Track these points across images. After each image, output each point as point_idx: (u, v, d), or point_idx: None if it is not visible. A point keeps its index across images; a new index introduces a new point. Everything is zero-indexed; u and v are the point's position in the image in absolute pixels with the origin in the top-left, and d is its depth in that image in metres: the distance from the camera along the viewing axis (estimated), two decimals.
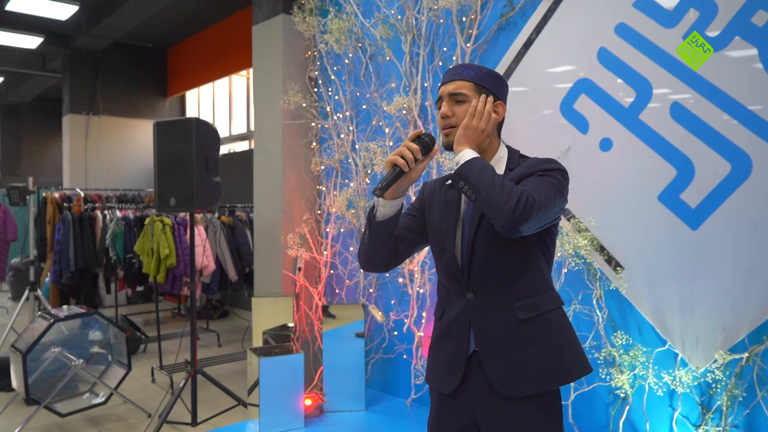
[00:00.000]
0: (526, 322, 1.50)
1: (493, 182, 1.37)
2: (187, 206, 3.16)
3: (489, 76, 1.57)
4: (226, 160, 7.14)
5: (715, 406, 2.33)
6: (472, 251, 1.53)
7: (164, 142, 3.22)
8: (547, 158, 1.54)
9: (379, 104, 3.60)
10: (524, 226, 1.36)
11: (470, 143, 1.49)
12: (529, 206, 1.34)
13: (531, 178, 1.47)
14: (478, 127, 1.49)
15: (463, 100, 1.54)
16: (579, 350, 1.55)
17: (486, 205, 1.38)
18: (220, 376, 4.36)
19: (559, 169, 1.51)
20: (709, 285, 2.31)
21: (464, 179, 1.41)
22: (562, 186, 1.48)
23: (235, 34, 7.35)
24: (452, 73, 1.59)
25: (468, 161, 1.43)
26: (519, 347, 1.50)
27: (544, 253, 1.56)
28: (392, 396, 3.70)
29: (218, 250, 5.28)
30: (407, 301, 3.55)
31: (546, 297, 1.55)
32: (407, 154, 1.48)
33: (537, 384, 1.48)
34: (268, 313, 3.77)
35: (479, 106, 1.50)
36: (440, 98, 1.59)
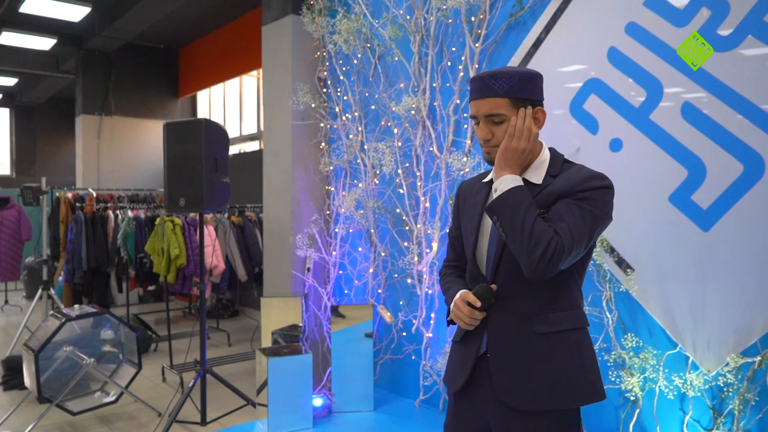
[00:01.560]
0: (543, 336, 1.47)
1: (523, 227, 1.36)
2: (197, 207, 3.18)
3: (524, 82, 1.46)
4: (237, 161, 7.17)
5: (727, 410, 2.30)
6: (500, 259, 1.50)
7: (174, 143, 3.23)
8: (590, 173, 1.45)
9: (388, 105, 3.60)
10: (550, 275, 1.37)
11: (511, 166, 1.45)
12: (556, 257, 1.33)
13: (568, 206, 1.41)
14: (518, 148, 1.44)
15: (501, 120, 1.46)
16: (595, 375, 1.50)
17: (514, 249, 1.40)
18: (229, 375, 4.38)
19: (603, 187, 1.43)
20: (721, 287, 2.28)
21: (497, 215, 1.41)
22: (603, 211, 1.42)
23: (245, 35, 7.38)
24: (483, 87, 1.47)
25: (503, 195, 1.41)
26: (531, 361, 1.46)
27: (577, 269, 1.51)
28: (401, 397, 3.70)
29: (228, 250, 5.30)
30: (416, 301, 3.54)
31: (570, 314, 1.50)
32: (475, 322, 1.50)
33: (541, 401, 1.45)
34: (278, 313, 3.78)
35: (518, 125, 1.44)
36: (474, 117, 1.50)
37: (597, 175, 1.45)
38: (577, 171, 1.47)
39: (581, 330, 1.51)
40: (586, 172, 1.46)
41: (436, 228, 3.36)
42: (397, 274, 3.67)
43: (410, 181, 3.55)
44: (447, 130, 3.31)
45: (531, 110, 1.46)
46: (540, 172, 1.50)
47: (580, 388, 1.46)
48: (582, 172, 1.46)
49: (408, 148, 3.55)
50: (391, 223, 3.69)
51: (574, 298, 1.51)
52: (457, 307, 1.51)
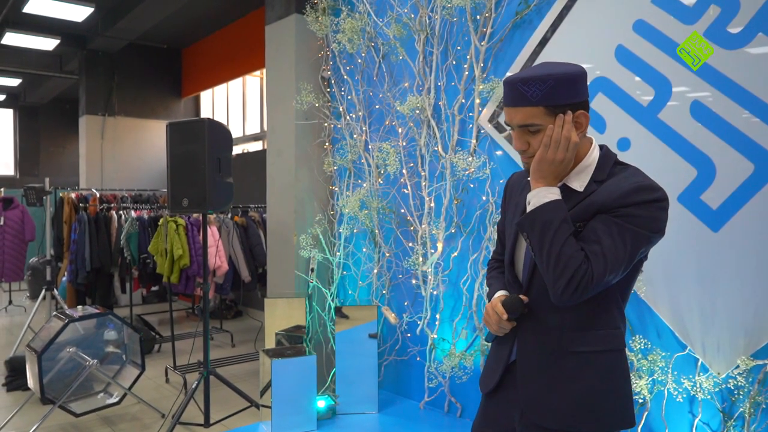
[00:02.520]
0: (573, 354, 1.38)
1: (550, 250, 1.27)
2: (200, 207, 3.15)
3: (560, 86, 1.30)
4: (240, 161, 7.15)
5: (737, 413, 2.27)
6: (534, 270, 1.43)
7: (177, 143, 3.21)
8: (638, 184, 1.28)
9: (392, 104, 3.57)
10: (575, 302, 1.29)
11: (547, 178, 1.33)
12: (582, 287, 1.24)
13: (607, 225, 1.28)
14: (555, 159, 1.31)
15: (537, 130, 1.34)
16: (625, 401, 1.40)
17: (541, 271, 1.33)
18: (233, 376, 4.36)
19: (654, 201, 1.27)
20: (731, 288, 2.24)
21: (527, 232, 1.34)
22: (651, 228, 1.27)
23: (248, 35, 7.36)
24: (514, 94, 1.34)
25: (533, 212, 1.32)
26: (557, 378, 1.39)
27: (621, 288, 1.39)
28: (405, 398, 3.67)
29: (231, 251, 5.28)
30: (421, 302, 3.51)
31: (605, 335, 1.40)
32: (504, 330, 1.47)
33: (563, 421, 1.38)
34: (281, 314, 3.76)
35: (555, 134, 1.30)
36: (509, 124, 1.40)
37: (646, 186, 1.28)
38: (625, 179, 1.31)
39: (616, 352, 1.41)
40: (634, 181, 1.29)
41: (441, 228, 3.33)
42: (402, 274, 3.64)
43: (415, 181, 3.52)
44: (452, 130, 3.28)
45: (571, 116, 1.31)
46: (584, 178, 1.36)
47: (606, 413, 1.38)
48: (629, 180, 1.30)
49: (413, 147, 3.52)
50: (395, 223, 3.66)
51: (612, 318, 1.40)
52: (488, 312, 1.47)
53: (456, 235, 3.31)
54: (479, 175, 3.13)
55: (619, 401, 1.40)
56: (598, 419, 1.38)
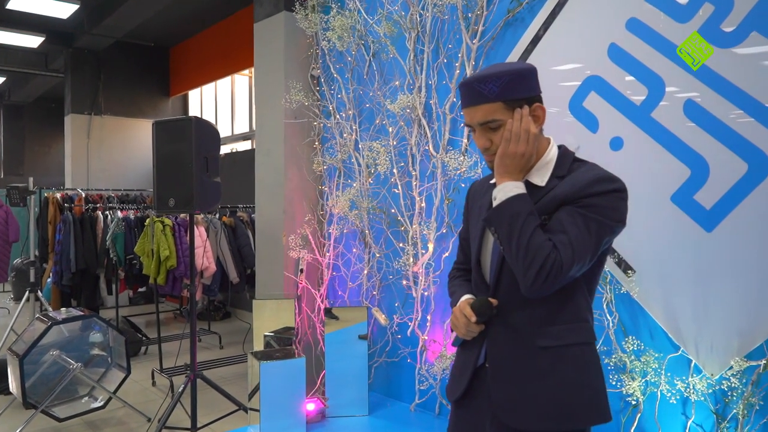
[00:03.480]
0: (545, 350, 1.38)
1: (519, 241, 1.28)
2: (187, 207, 3.10)
3: (516, 81, 1.34)
4: (229, 160, 7.09)
5: (731, 415, 2.25)
6: (502, 265, 1.42)
7: (163, 142, 3.15)
8: (598, 175, 1.33)
9: (383, 103, 3.53)
10: (547, 293, 1.29)
11: (511, 173, 1.36)
12: (552, 275, 1.25)
13: (571, 215, 1.30)
14: (517, 153, 1.34)
15: (498, 126, 1.37)
16: (599, 395, 1.41)
17: (510, 264, 1.32)
18: (221, 378, 4.30)
19: (613, 191, 1.31)
20: (725, 289, 2.22)
21: (494, 227, 1.34)
22: (613, 218, 1.31)
23: (237, 33, 7.29)
24: (472, 94, 1.37)
25: (500, 205, 1.33)
26: (531, 377, 1.38)
27: (587, 281, 1.41)
28: (396, 401, 3.63)
29: (219, 252, 5.22)
30: (411, 303, 3.47)
31: (575, 328, 1.40)
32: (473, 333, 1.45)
33: (539, 421, 1.37)
34: (270, 316, 3.71)
35: (514, 128, 1.34)
36: (468, 125, 1.43)
37: (606, 177, 1.33)
38: (585, 172, 1.35)
39: (587, 345, 1.42)
40: (594, 173, 1.34)
41: (432, 229, 3.29)
42: (392, 275, 3.60)
43: (405, 181, 3.48)
44: (443, 129, 3.24)
45: (528, 109, 1.35)
46: (545, 173, 1.40)
47: (582, 409, 1.37)
48: (589, 173, 1.34)
49: (403, 147, 3.48)
50: (385, 223, 3.62)
51: (580, 310, 1.41)
52: (455, 316, 1.46)
53: (447, 235, 3.28)
54: (471, 175, 3.10)
55: (593, 395, 1.39)
56: (573, 416, 1.37)
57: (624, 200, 1.34)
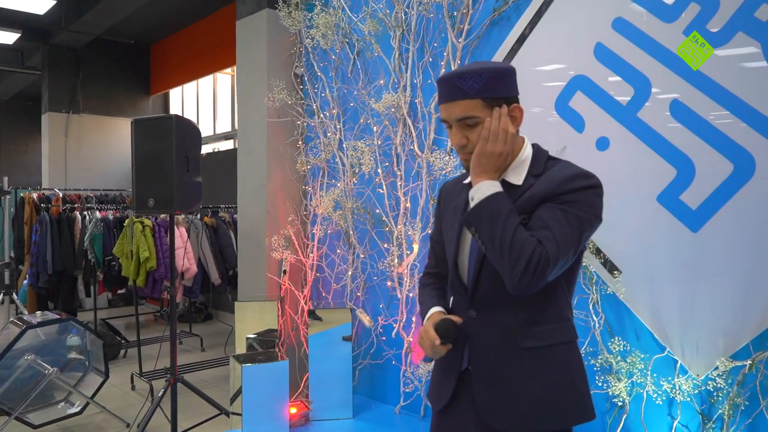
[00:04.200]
0: (529, 351, 1.36)
1: (502, 239, 1.24)
2: (167, 207, 3.03)
3: (496, 79, 1.33)
4: (211, 160, 6.99)
5: (716, 415, 2.25)
6: (481, 267, 1.39)
7: (142, 141, 3.08)
8: (574, 172, 1.32)
9: (367, 102, 3.49)
10: (536, 289, 1.25)
11: (488, 172, 1.33)
12: (540, 269, 1.22)
13: (551, 211, 1.29)
14: (494, 152, 1.32)
15: (476, 123, 1.34)
16: (584, 394, 1.40)
17: (495, 263, 1.29)
18: (202, 382, 4.22)
19: (590, 187, 1.30)
20: (710, 289, 2.22)
21: (475, 226, 1.30)
22: (591, 213, 1.30)
23: (219, 31, 7.20)
24: (451, 89, 1.34)
25: (479, 204, 1.30)
26: (516, 379, 1.36)
27: (566, 279, 1.39)
28: (380, 403, 3.59)
29: (200, 253, 5.13)
30: (396, 305, 3.44)
31: (558, 327, 1.39)
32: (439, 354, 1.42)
33: (527, 423, 1.35)
34: (252, 318, 3.65)
35: (492, 126, 1.32)
36: (445, 121, 1.39)
37: (582, 173, 1.32)
38: (560, 170, 1.34)
39: (570, 344, 1.41)
40: (569, 170, 1.33)
41: (417, 229, 3.26)
42: (377, 276, 3.56)
43: (390, 181, 3.45)
44: (428, 128, 3.21)
45: (506, 109, 1.34)
46: (520, 173, 1.38)
47: (568, 409, 1.36)
48: (565, 171, 1.33)
49: (388, 146, 3.45)
50: (370, 224, 3.58)
51: (561, 309, 1.40)
52: (421, 337, 1.43)
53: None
54: (456, 175, 3.07)
55: (579, 394, 1.39)
56: (560, 416, 1.36)
57: (600, 196, 1.33)
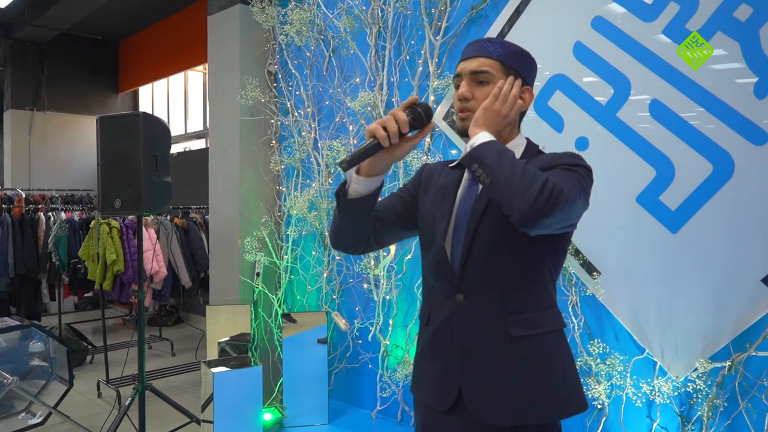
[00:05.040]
0: (519, 340, 1.31)
1: (513, 166, 1.18)
2: (135, 208, 2.92)
3: (519, 56, 1.38)
4: (182, 159, 6.84)
5: (696, 417, 2.24)
6: (471, 246, 1.33)
7: (109, 139, 2.97)
8: (570, 152, 1.34)
9: (343, 100, 3.42)
10: (548, 220, 1.15)
11: (489, 127, 1.29)
12: (555, 195, 1.13)
13: (554, 171, 1.26)
14: (501, 112, 1.30)
15: (487, 80, 1.34)
16: (575, 383, 1.37)
17: (504, 191, 1.17)
18: (172, 388, 4.10)
19: (585, 166, 1.30)
20: (690, 290, 2.21)
21: (478, 162, 1.22)
22: (587, 186, 1.28)
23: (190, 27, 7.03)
24: (476, 47, 1.37)
25: (484, 143, 1.24)
26: (506, 369, 1.30)
27: (553, 263, 1.36)
28: (357, 408, 3.52)
29: (170, 255, 4.99)
30: (372, 307, 3.37)
31: (547, 315, 1.35)
32: (391, 126, 1.26)
33: (518, 415, 1.29)
34: (224, 322, 3.54)
35: (505, 88, 1.31)
36: (458, 75, 1.39)
37: (579, 155, 1.34)
38: (556, 153, 1.37)
39: (559, 332, 1.37)
40: (566, 152, 1.36)
41: None
42: (353, 278, 3.49)
43: None
44: None
45: (520, 84, 1.35)
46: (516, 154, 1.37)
47: (560, 400, 1.32)
48: (562, 153, 1.36)
49: None
50: None
51: (550, 296, 1.37)
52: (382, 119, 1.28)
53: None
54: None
55: (571, 383, 1.35)
56: (554, 407, 1.32)
57: (592, 180, 1.32)
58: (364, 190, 1.34)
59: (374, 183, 1.35)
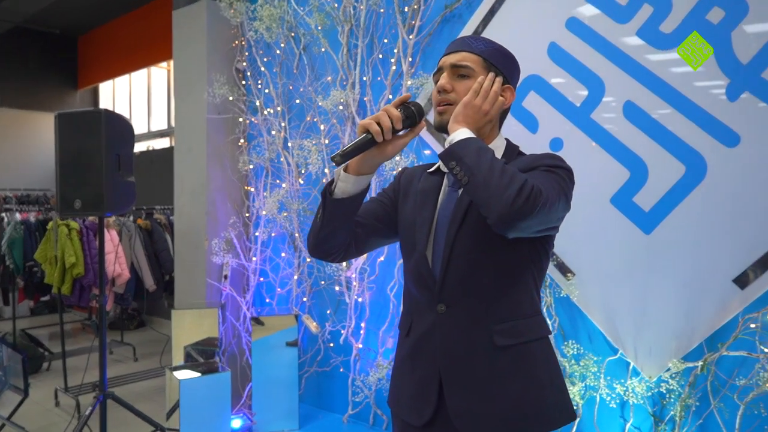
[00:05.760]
0: (504, 350, 1.26)
1: (492, 165, 1.14)
2: (96, 209, 2.79)
3: (502, 54, 1.35)
4: (145, 159, 6.64)
5: (668, 417, 2.25)
6: (451, 253, 1.29)
7: (68, 137, 2.82)
8: (550, 153, 1.32)
9: (314, 99, 3.35)
10: (525, 222, 1.11)
11: (468, 123, 1.25)
12: (534, 197, 1.10)
13: (534, 173, 1.23)
14: (481, 108, 1.27)
15: (468, 75, 1.32)
16: (563, 392, 1.33)
17: (481, 191, 1.13)
18: (135, 395, 3.95)
19: (566, 168, 1.27)
20: (663, 291, 2.22)
21: (456, 159, 1.18)
22: (568, 189, 1.24)
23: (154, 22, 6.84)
24: (459, 43, 1.36)
25: (464, 139, 1.20)
26: (491, 380, 1.26)
27: (536, 268, 1.32)
28: (328, 412, 3.45)
29: (133, 257, 4.82)
30: (344, 310, 3.31)
31: (532, 322, 1.31)
32: (385, 122, 1.22)
33: (505, 428, 1.25)
34: (191, 327, 3.43)
35: (486, 84, 1.28)
36: (439, 69, 1.36)
37: (559, 157, 1.31)
38: (536, 154, 1.34)
39: (545, 340, 1.34)
40: (546, 153, 1.33)
41: None
42: (324, 281, 3.42)
43: None
44: None
45: (501, 81, 1.32)
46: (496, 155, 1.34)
47: (549, 410, 1.28)
48: (541, 153, 1.33)
49: (336, 145, 3.32)
50: None
51: (535, 302, 1.33)
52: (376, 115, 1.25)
53: None
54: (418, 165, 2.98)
55: (559, 391, 1.31)
56: (543, 416, 1.27)
57: (573, 182, 1.29)
58: (352, 189, 1.30)
59: (362, 182, 1.31)
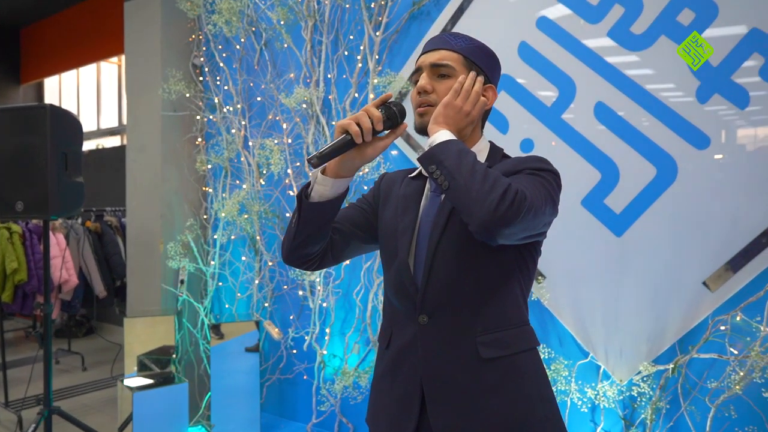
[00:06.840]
0: (490, 362, 1.19)
1: (473, 169, 1.07)
2: (40, 212, 2.60)
3: (483, 53, 1.29)
4: (94, 158, 6.35)
5: (639, 420, 2.24)
6: (432, 261, 1.22)
7: (9, 134, 2.63)
8: (537, 156, 1.26)
9: (276, 96, 3.23)
10: (509, 229, 1.04)
11: (449, 125, 1.19)
12: (518, 202, 1.03)
13: (518, 176, 1.17)
14: (462, 108, 1.21)
15: (448, 74, 1.25)
16: (553, 405, 1.26)
17: (462, 195, 1.06)
18: (84, 408, 3.73)
19: (553, 171, 1.21)
20: (634, 294, 2.21)
21: (437, 162, 1.11)
22: (555, 193, 1.18)
23: (104, 15, 6.54)
24: (437, 41, 1.29)
25: (444, 142, 1.13)
26: (477, 394, 1.18)
27: (522, 276, 1.26)
28: (291, 421, 3.34)
29: (82, 262, 4.57)
30: (308, 315, 3.20)
31: (519, 333, 1.24)
32: (365, 122, 1.15)
33: None
34: (144, 335, 3.25)
35: (467, 83, 1.22)
36: (418, 69, 1.29)
37: (545, 159, 1.24)
38: (521, 156, 1.27)
39: (533, 351, 1.27)
40: (532, 155, 1.26)
41: None
42: (287, 285, 3.30)
43: (301, 182, 3.20)
44: None
45: (483, 80, 1.26)
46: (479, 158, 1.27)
47: (539, 425, 1.20)
48: (527, 156, 1.26)
49: (299, 145, 3.20)
50: (279, 228, 3.32)
51: (522, 312, 1.26)
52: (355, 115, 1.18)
53: None
54: (374, 177, 2.90)
55: (549, 405, 1.24)
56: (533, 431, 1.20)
57: (560, 188, 1.22)
58: (330, 192, 1.22)
59: (341, 186, 1.22)
